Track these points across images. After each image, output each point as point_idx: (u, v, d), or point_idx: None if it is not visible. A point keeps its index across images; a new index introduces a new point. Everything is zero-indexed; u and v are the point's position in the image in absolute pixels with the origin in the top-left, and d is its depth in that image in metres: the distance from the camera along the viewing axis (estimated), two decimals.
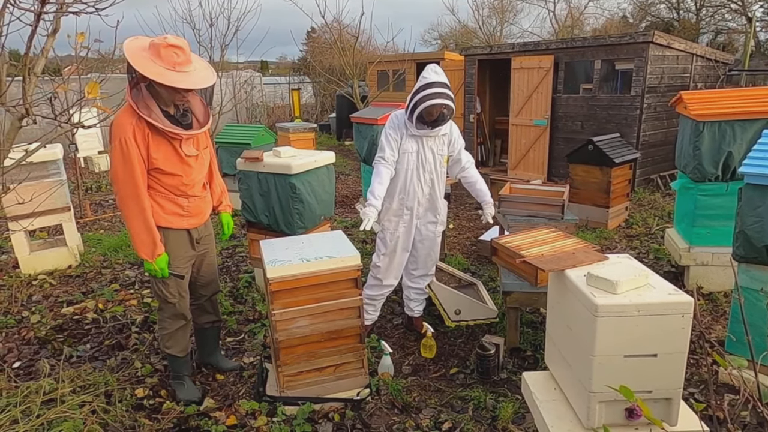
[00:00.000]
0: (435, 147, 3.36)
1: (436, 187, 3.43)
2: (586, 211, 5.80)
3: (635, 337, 1.79)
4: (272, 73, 23.10)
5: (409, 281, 3.63)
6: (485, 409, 2.80)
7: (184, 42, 2.54)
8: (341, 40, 11.56)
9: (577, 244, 2.45)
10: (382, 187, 3.24)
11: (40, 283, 4.62)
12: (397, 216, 3.43)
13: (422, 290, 3.63)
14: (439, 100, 3.10)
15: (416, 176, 3.37)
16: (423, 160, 3.35)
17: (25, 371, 3.24)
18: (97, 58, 8.75)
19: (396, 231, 3.43)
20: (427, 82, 3.14)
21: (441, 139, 3.37)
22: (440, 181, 3.44)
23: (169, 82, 2.42)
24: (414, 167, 3.36)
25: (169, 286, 2.76)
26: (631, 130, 7.28)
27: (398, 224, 3.43)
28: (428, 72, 3.20)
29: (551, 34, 21.50)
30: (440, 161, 3.40)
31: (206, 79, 2.58)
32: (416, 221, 3.47)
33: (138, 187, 2.54)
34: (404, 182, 3.37)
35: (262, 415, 2.69)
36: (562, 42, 8.23)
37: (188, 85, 2.48)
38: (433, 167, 3.38)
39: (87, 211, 6.80)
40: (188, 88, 2.51)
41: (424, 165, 3.36)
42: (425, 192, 3.42)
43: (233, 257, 5.23)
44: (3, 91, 2.46)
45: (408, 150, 3.33)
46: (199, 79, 2.54)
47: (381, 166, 3.27)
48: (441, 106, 3.12)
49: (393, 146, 3.29)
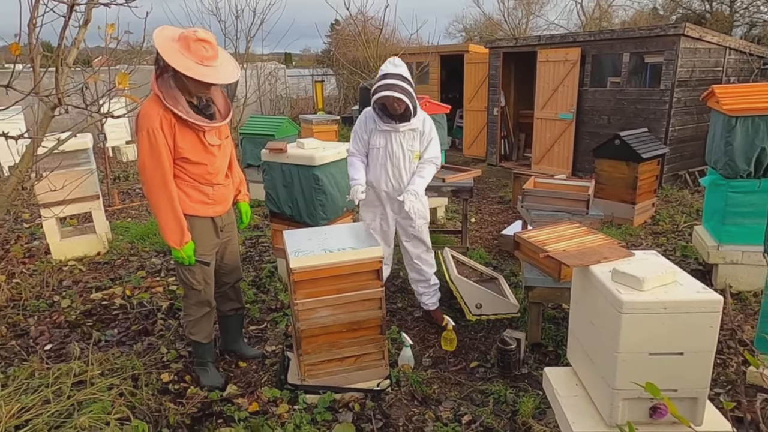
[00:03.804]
0: (405, 142, 3.33)
1: (405, 182, 3.39)
2: (611, 207, 5.71)
3: (661, 335, 1.76)
4: (296, 65, 23.18)
5: (414, 274, 3.64)
6: (505, 403, 2.80)
7: (213, 36, 2.58)
8: (365, 32, 11.53)
9: (602, 239, 2.42)
10: (356, 170, 3.36)
11: (70, 268, 4.75)
12: (374, 207, 3.50)
13: (429, 282, 3.61)
14: (388, 92, 3.08)
15: (384, 171, 3.38)
16: (390, 155, 3.34)
17: (56, 353, 3.34)
18: (126, 50, 8.91)
19: (373, 222, 3.50)
20: (382, 74, 3.16)
21: (411, 134, 3.33)
22: (410, 176, 3.39)
23: (198, 76, 2.45)
24: (381, 162, 3.37)
25: (195, 273, 2.82)
26: (660, 124, 7.12)
27: (375, 216, 3.51)
28: (386, 64, 3.22)
29: (578, 27, 21.10)
30: (410, 157, 3.36)
31: (231, 74, 2.62)
32: (393, 216, 3.49)
33: (166, 176, 2.59)
34: (374, 176, 3.41)
35: (283, 403, 2.73)
36: (589, 34, 8.08)
37: (215, 80, 2.52)
38: (401, 162, 3.35)
39: (115, 200, 6.95)
40: (215, 83, 2.56)
41: (392, 160, 3.35)
42: (393, 186, 3.40)
43: (256, 247, 5.30)
44: (37, 82, 2.53)
45: (376, 145, 3.35)
46: (225, 75, 2.58)
47: (351, 158, 3.44)
48: (392, 99, 3.11)
49: (358, 142, 3.41)
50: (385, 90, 3.09)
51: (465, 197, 4.63)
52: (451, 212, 6.34)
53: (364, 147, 3.41)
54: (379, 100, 3.17)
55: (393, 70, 3.14)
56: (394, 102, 3.15)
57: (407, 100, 3.13)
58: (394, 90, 3.08)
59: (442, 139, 5.73)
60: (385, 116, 3.27)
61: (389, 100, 3.15)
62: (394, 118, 3.24)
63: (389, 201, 3.45)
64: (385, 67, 3.18)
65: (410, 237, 3.53)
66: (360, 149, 3.42)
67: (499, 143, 9.56)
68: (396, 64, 3.19)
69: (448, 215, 6.23)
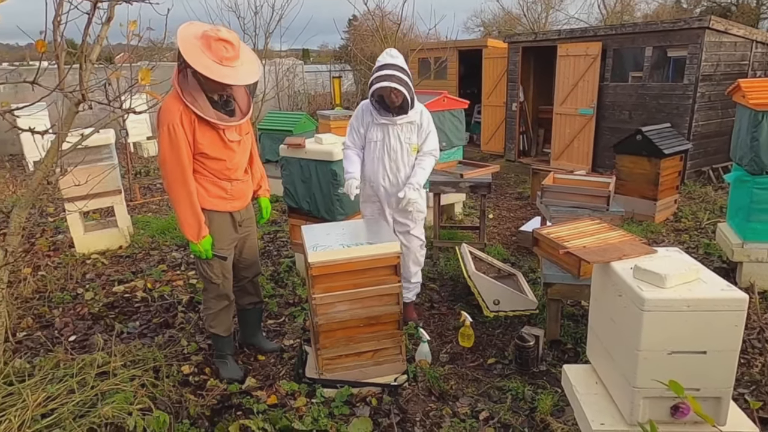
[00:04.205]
0: (402, 135, 3.29)
1: (403, 176, 3.35)
2: (632, 204, 5.62)
3: (684, 333, 1.73)
4: (313, 61, 23.24)
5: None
6: (523, 400, 2.78)
7: (235, 37, 2.59)
8: (383, 27, 11.51)
9: (623, 236, 2.39)
10: (351, 163, 3.32)
11: (93, 262, 4.85)
12: (372, 202, 3.48)
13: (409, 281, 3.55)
14: (386, 83, 3.04)
15: (381, 165, 3.34)
16: (388, 148, 3.31)
17: (80, 345, 3.42)
18: (146, 47, 9.02)
19: (372, 217, 3.48)
20: (379, 65, 3.12)
21: (408, 127, 3.29)
22: (408, 169, 3.36)
23: (215, 76, 2.47)
24: (379, 156, 3.33)
25: (213, 267, 2.85)
26: (683, 120, 6.99)
27: (374, 211, 3.50)
28: (383, 55, 3.17)
29: (599, 21, 20.77)
30: (408, 150, 3.32)
31: (251, 75, 2.63)
32: (390, 211, 3.45)
33: (185, 171, 2.62)
34: (372, 170, 3.38)
35: (301, 396, 2.75)
36: (611, 28, 7.95)
37: (232, 81, 2.53)
38: (399, 156, 3.32)
39: (136, 195, 7.07)
40: (232, 84, 2.57)
41: (389, 153, 3.31)
42: (391, 180, 3.37)
43: (274, 242, 5.34)
44: (62, 78, 2.58)
45: (373, 138, 3.32)
46: (243, 76, 2.59)
47: (346, 151, 3.40)
48: (389, 89, 3.06)
49: (354, 135, 3.38)
50: (383, 81, 3.04)
51: (483, 193, 4.60)
52: (468, 208, 6.31)
53: (360, 140, 3.38)
54: (376, 92, 3.12)
55: (390, 61, 3.09)
56: (391, 93, 3.10)
57: (405, 91, 3.08)
58: (391, 81, 3.03)
59: (460, 134, 5.70)
60: (383, 109, 3.23)
61: (386, 91, 3.10)
62: (391, 111, 3.20)
63: (387, 196, 3.41)
64: (382, 58, 3.14)
65: (405, 232, 3.48)
66: (356, 142, 3.38)
67: (518, 139, 9.48)
68: (393, 55, 3.15)
69: (466, 211, 6.20)
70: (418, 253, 3.57)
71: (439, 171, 4.76)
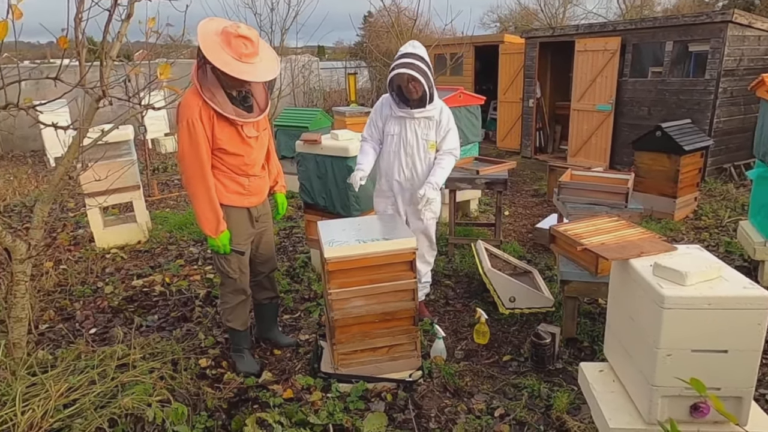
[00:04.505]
0: (419, 131, 3.27)
1: (419, 172, 3.33)
2: (650, 201, 5.54)
3: (704, 332, 1.71)
4: (329, 58, 23.29)
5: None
6: (539, 397, 2.77)
7: (255, 33, 2.60)
8: (399, 23, 11.47)
9: (642, 233, 2.36)
10: (364, 155, 3.32)
11: (112, 256, 4.93)
12: (386, 197, 3.47)
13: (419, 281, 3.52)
14: (404, 70, 3.01)
15: (397, 159, 3.33)
16: (404, 143, 3.29)
17: (100, 337, 3.48)
18: (164, 44, 9.11)
19: (385, 212, 3.47)
20: (399, 54, 3.10)
21: (426, 122, 3.26)
22: (424, 166, 3.33)
23: (234, 72, 2.48)
24: (395, 150, 3.32)
25: (230, 262, 2.88)
26: (704, 116, 6.86)
27: (387, 206, 3.48)
28: (404, 46, 3.16)
29: (618, 16, 20.46)
30: (425, 146, 3.29)
31: (269, 71, 2.64)
32: (404, 208, 3.43)
33: (203, 166, 2.64)
34: (387, 164, 3.37)
35: (317, 391, 2.77)
36: (630, 23, 7.83)
37: (250, 77, 2.55)
38: (415, 151, 3.30)
39: (154, 190, 7.15)
40: (250, 80, 2.58)
41: (405, 148, 3.29)
42: (406, 176, 3.35)
43: (290, 238, 5.37)
44: (83, 75, 2.61)
45: (390, 132, 3.30)
46: (262, 72, 2.59)
47: (362, 143, 3.40)
48: (406, 76, 3.03)
49: (372, 128, 3.38)
50: (400, 68, 3.02)
51: (499, 189, 4.58)
52: (484, 205, 6.28)
53: (378, 133, 3.36)
54: (395, 79, 3.10)
55: (411, 50, 3.07)
56: (409, 83, 3.07)
57: (423, 81, 3.05)
58: (409, 68, 3.01)
59: (476, 130, 5.67)
60: (401, 101, 3.20)
61: (404, 80, 3.07)
62: (409, 103, 3.18)
63: (401, 191, 3.40)
64: (403, 48, 3.12)
65: (416, 230, 3.44)
66: (373, 135, 3.37)
67: (534, 135, 9.39)
68: (415, 45, 3.12)
69: (481, 208, 6.17)
70: (428, 253, 3.56)
71: (455, 167, 4.73)
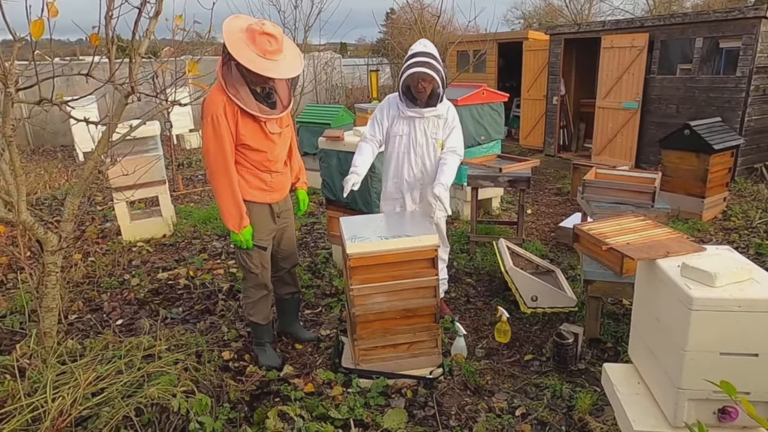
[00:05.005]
0: (428, 130, 3.21)
1: (428, 170, 3.28)
2: (677, 201, 5.43)
3: (734, 334, 1.67)
4: (351, 55, 23.31)
5: None
6: (561, 398, 2.74)
7: (279, 31, 2.62)
8: (422, 20, 11.43)
9: (670, 233, 2.31)
10: (361, 157, 3.21)
11: (139, 249, 5.03)
12: (393, 199, 3.41)
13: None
14: (418, 69, 2.96)
15: (406, 160, 3.27)
16: (414, 143, 3.23)
17: (126, 328, 3.56)
18: (189, 41, 9.23)
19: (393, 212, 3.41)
20: (412, 53, 3.03)
21: (435, 121, 3.20)
22: (434, 163, 3.28)
23: (257, 69, 2.51)
24: (404, 150, 3.26)
25: (252, 257, 2.91)
26: (735, 114, 6.69)
27: (395, 206, 3.42)
28: (415, 44, 3.10)
29: (645, 12, 20.03)
30: (434, 145, 3.24)
31: (293, 69, 2.66)
32: (413, 206, 3.39)
33: (227, 162, 2.68)
34: (396, 165, 3.31)
35: (337, 386, 2.79)
36: (659, 18, 7.67)
37: (274, 74, 2.57)
38: (425, 150, 3.24)
39: (179, 185, 7.27)
40: (274, 77, 2.60)
41: (414, 149, 3.24)
42: (416, 176, 3.30)
43: (312, 234, 5.41)
44: (113, 71, 2.67)
45: (398, 133, 3.23)
46: (285, 69, 2.62)
47: (361, 143, 3.29)
48: (420, 75, 2.98)
49: (376, 128, 3.28)
50: (414, 67, 2.97)
51: (522, 188, 4.53)
52: (506, 203, 6.23)
53: (381, 133, 3.28)
54: (407, 79, 3.04)
55: (422, 49, 3.03)
56: (419, 83, 3.02)
57: (437, 78, 3.00)
58: (423, 66, 2.96)
59: (499, 127, 5.63)
60: (410, 101, 3.14)
61: (415, 80, 3.01)
62: (416, 102, 3.12)
63: (410, 189, 3.36)
64: (414, 47, 3.07)
65: None
66: (375, 135, 3.28)
67: (558, 133, 9.28)
68: (425, 44, 3.07)
69: (503, 206, 6.12)
70: (441, 250, 3.50)
71: (477, 165, 4.71)
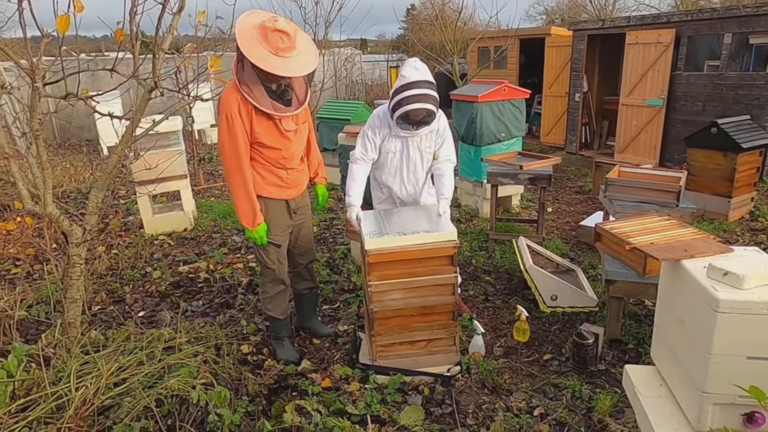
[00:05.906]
0: (423, 145, 3.09)
1: (420, 183, 3.21)
2: (703, 201, 5.31)
3: (762, 338, 1.62)
4: (371, 51, 23.28)
5: None
6: (580, 399, 2.70)
7: (292, 27, 2.58)
8: (443, 15, 11.36)
9: (696, 234, 2.26)
10: (356, 183, 3.06)
11: (160, 242, 5.10)
12: (389, 206, 3.35)
13: None
14: (420, 105, 2.80)
15: (399, 176, 3.19)
16: (407, 160, 3.12)
17: (148, 320, 3.62)
18: (211, 37, 9.32)
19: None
20: (407, 81, 2.81)
21: (428, 135, 3.08)
22: (425, 175, 3.20)
23: (267, 67, 2.48)
24: (397, 166, 3.15)
25: (269, 252, 2.93)
26: (764, 112, 6.50)
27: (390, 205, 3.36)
28: (408, 69, 2.87)
29: (671, 7, 19.60)
30: (428, 158, 3.14)
31: (305, 66, 2.62)
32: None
33: (241, 160, 2.69)
34: (388, 180, 3.22)
35: (355, 381, 2.80)
36: (686, 14, 7.49)
37: (285, 72, 2.53)
38: (418, 166, 3.14)
39: (200, 180, 7.36)
40: (284, 75, 2.56)
41: (407, 165, 3.14)
42: (408, 191, 3.23)
43: (330, 229, 5.42)
44: (137, 66, 2.70)
45: (391, 150, 3.10)
46: (296, 67, 2.57)
47: (353, 165, 3.11)
48: (422, 111, 2.83)
49: (368, 146, 3.09)
50: (416, 102, 2.80)
51: (543, 185, 4.48)
52: (526, 201, 6.16)
53: (374, 151, 3.11)
54: (408, 112, 2.83)
55: (418, 77, 2.83)
56: (423, 113, 2.86)
57: (435, 110, 2.89)
58: (425, 101, 2.81)
59: (520, 124, 5.56)
60: (405, 123, 2.97)
61: (418, 112, 2.85)
62: (411, 124, 2.96)
63: (401, 204, 3.30)
64: (408, 74, 2.84)
65: None
66: (367, 154, 3.10)
67: (580, 130, 9.14)
68: (418, 67, 2.87)
69: (524, 204, 6.06)
70: None
71: (497, 162, 4.66)
